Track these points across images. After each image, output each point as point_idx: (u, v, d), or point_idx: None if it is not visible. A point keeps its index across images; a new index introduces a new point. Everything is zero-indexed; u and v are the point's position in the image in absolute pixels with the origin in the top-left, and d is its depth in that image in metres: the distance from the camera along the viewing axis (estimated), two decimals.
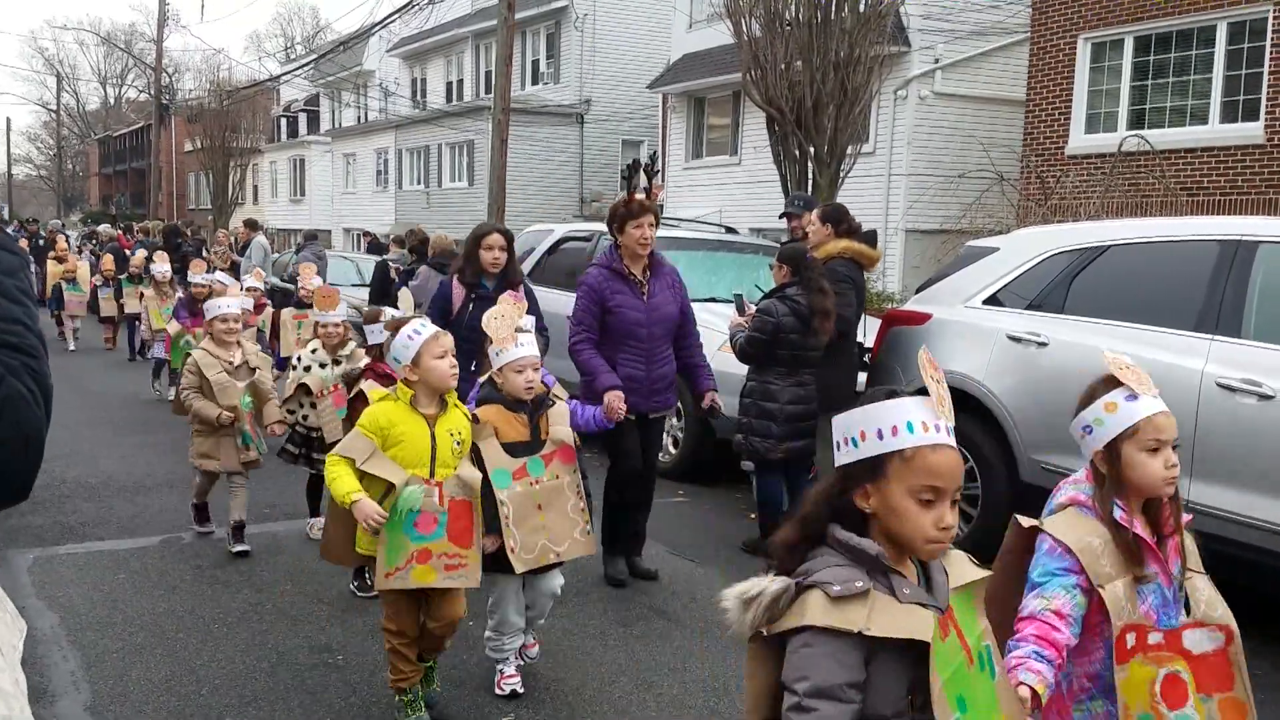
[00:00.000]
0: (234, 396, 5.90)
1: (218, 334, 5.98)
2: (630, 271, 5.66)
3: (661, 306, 5.69)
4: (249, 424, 6.02)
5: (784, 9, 12.31)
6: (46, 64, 73.98)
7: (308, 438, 6.14)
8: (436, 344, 3.78)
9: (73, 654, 4.56)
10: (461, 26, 33.11)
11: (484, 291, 6.16)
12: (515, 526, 4.01)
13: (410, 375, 3.79)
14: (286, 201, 44.46)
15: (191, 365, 5.91)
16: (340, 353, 6.13)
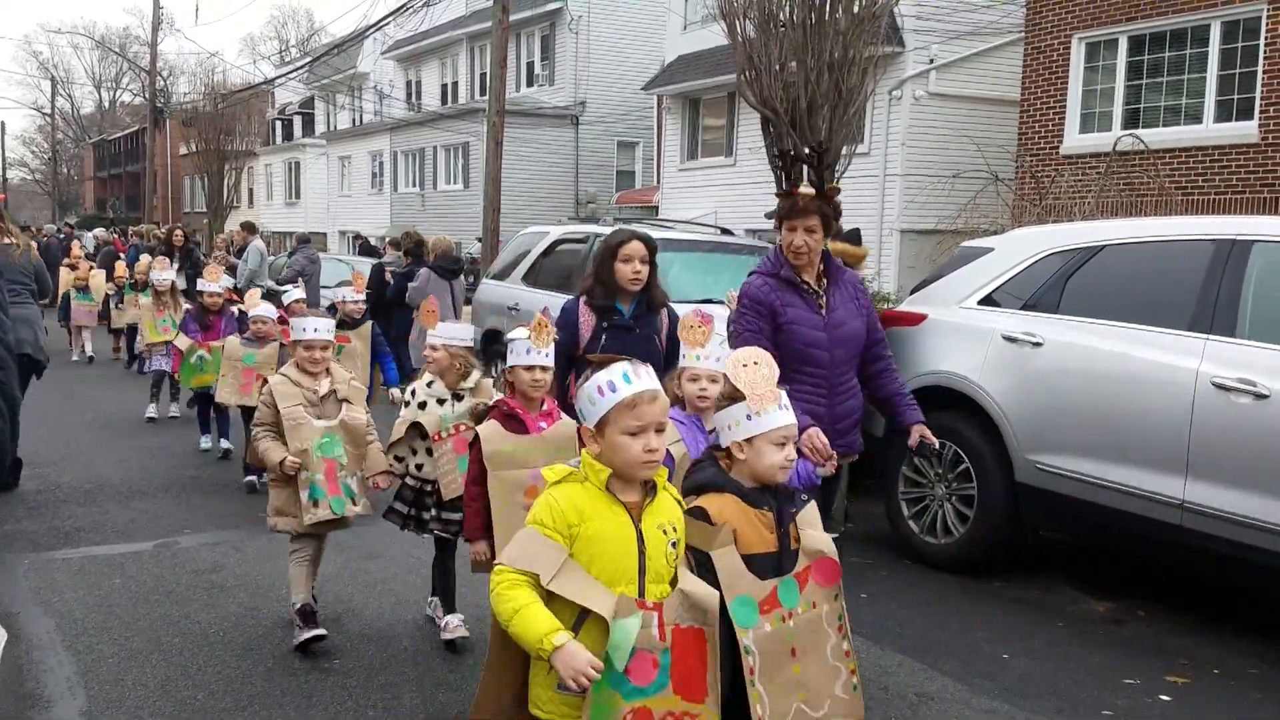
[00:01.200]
0: (308, 437, 4.71)
1: (302, 363, 4.89)
2: (802, 280, 4.57)
3: (845, 322, 4.59)
4: (325, 475, 4.73)
5: (778, 10, 12.28)
6: (41, 68, 73.95)
7: (420, 492, 4.82)
8: (632, 414, 2.55)
9: (68, 659, 4.54)
10: (456, 29, 33.12)
11: (620, 319, 4.95)
12: (763, 683, 2.70)
13: (593, 445, 2.62)
14: (282, 204, 44.44)
15: (266, 397, 4.81)
16: (462, 385, 4.75)
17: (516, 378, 4.03)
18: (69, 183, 78.92)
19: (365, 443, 4.88)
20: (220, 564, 5.94)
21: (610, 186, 30.31)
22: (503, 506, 3.81)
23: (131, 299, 13.17)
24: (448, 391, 4.73)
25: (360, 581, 5.65)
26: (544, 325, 3.97)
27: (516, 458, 3.87)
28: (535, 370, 4.01)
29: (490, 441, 3.89)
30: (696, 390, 3.71)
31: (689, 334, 3.78)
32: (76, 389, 12.49)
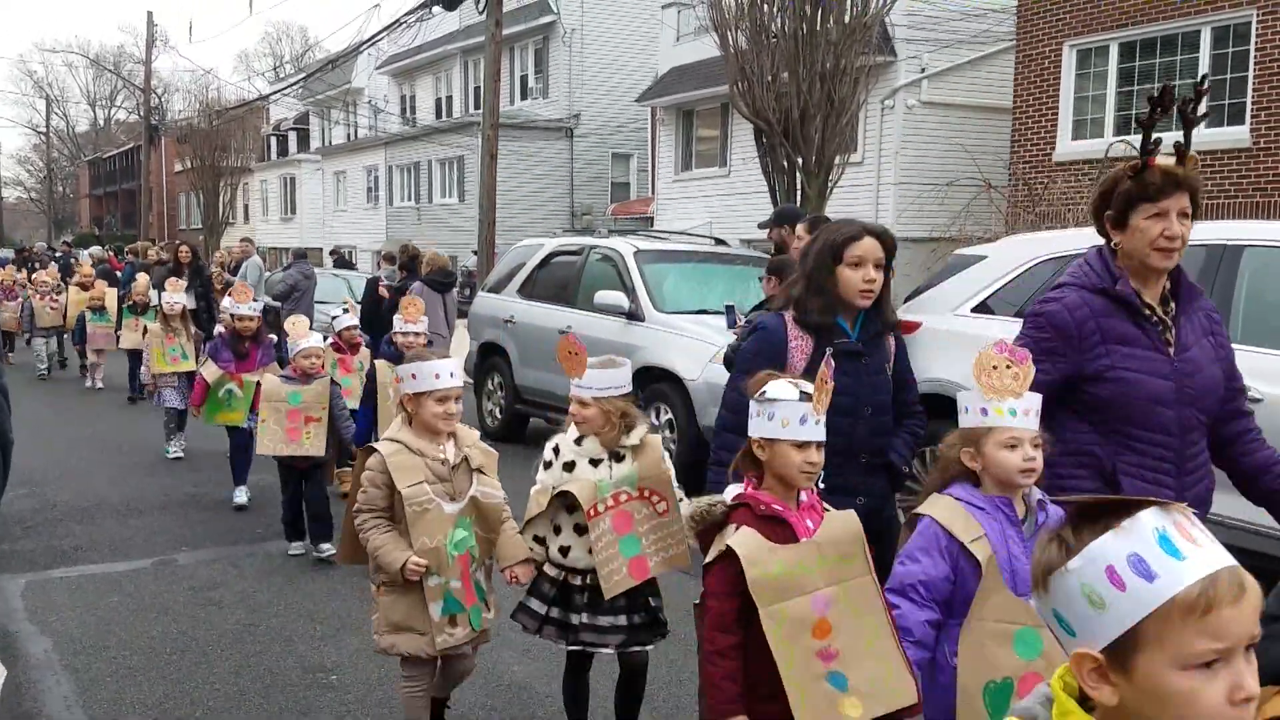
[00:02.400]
0: (440, 528, 3.53)
1: (430, 421, 3.61)
2: (1143, 300, 3.08)
3: (1201, 367, 3.10)
4: (464, 575, 3.60)
5: (769, 21, 12.37)
6: (35, 87, 73.98)
7: (565, 586, 3.65)
8: (1202, 629, 1.19)
9: (66, 678, 4.54)
10: (450, 43, 33.21)
11: (848, 342, 3.55)
12: None
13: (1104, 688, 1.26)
14: (277, 220, 44.48)
15: (377, 467, 3.57)
16: (623, 442, 3.61)
17: (780, 459, 2.66)
18: (64, 201, 78.94)
19: (500, 523, 3.72)
20: (218, 581, 5.93)
21: (605, 198, 30.36)
22: (790, 659, 2.54)
23: (130, 322, 12.35)
24: (604, 450, 3.60)
25: (358, 598, 5.64)
26: (825, 383, 2.64)
27: (791, 581, 2.59)
28: (810, 449, 2.65)
29: (755, 563, 2.57)
30: (1019, 462, 2.65)
31: (993, 377, 2.73)
32: (73, 406, 12.48)
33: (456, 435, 3.71)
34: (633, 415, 3.64)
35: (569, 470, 3.60)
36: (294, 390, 6.35)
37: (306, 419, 6.32)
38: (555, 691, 4.06)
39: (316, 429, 6.33)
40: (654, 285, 8.99)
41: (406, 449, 3.57)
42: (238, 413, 7.47)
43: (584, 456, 3.60)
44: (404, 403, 3.64)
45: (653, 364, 8.51)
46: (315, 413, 6.34)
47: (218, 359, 7.56)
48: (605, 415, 3.57)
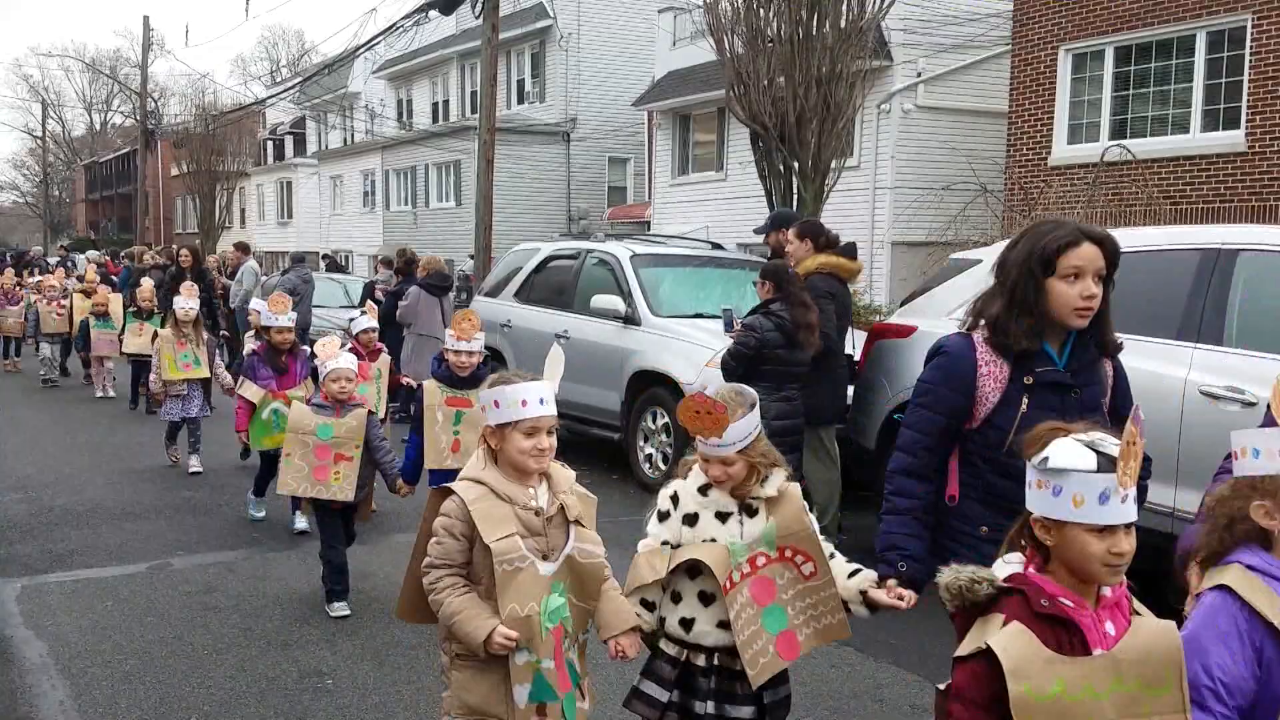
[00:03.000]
0: (533, 593, 2.83)
1: (514, 458, 2.89)
2: None
3: None
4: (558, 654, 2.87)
5: (765, 26, 12.38)
6: (32, 91, 73.91)
7: (688, 669, 3.03)
8: None
9: (61, 683, 4.53)
10: (446, 47, 33.23)
11: (1053, 371, 2.99)
12: None
13: None
14: (274, 224, 44.46)
15: (456, 514, 2.88)
16: (757, 493, 2.99)
17: (1073, 546, 2.03)
18: (60, 205, 78.83)
19: (600, 585, 2.96)
20: (213, 585, 5.93)
21: (602, 202, 30.38)
22: None
23: (135, 327, 11.92)
24: (733, 502, 2.97)
25: (354, 600, 5.64)
26: (1134, 444, 1.96)
27: (1072, 709, 1.94)
28: (1118, 536, 2.01)
29: (1024, 677, 1.94)
30: None
31: None
32: (68, 411, 12.46)
33: (550, 477, 2.97)
34: (772, 457, 3.01)
35: (690, 524, 2.99)
36: (325, 422, 5.46)
37: (337, 456, 5.43)
38: None
39: (347, 469, 5.45)
40: (650, 289, 9.00)
41: (492, 493, 2.85)
42: None
43: (709, 509, 2.98)
44: (485, 437, 2.93)
45: (649, 368, 8.52)
46: (347, 450, 5.47)
47: (256, 377, 7.01)
48: (750, 467, 2.96)
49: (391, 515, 7.29)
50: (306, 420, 5.52)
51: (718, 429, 2.86)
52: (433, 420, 5.38)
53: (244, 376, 7.14)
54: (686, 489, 3.04)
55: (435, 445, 5.34)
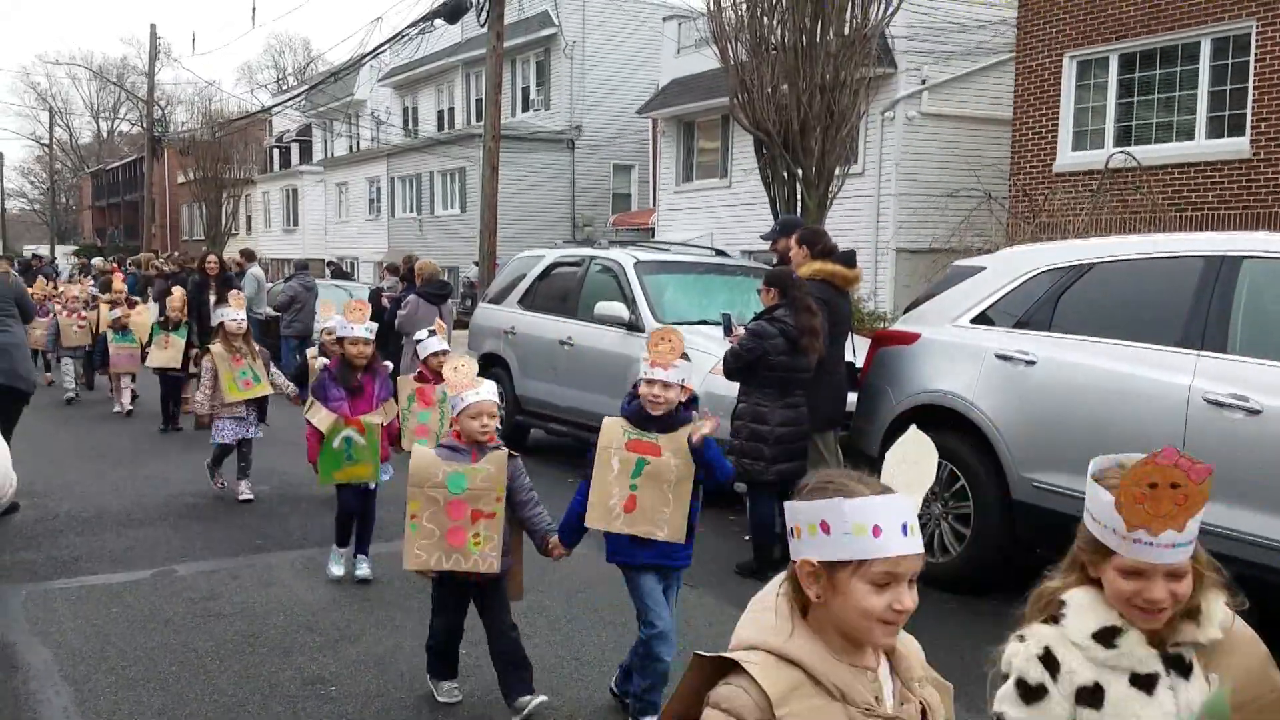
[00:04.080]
0: None
1: (851, 620, 1.74)
2: None
3: None
4: None
5: (769, 33, 12.40)
6: (39, 99, 74.16)
7: None
8: None
9: (65, 689, 4.54)
10: (451, 55, 33.31)
11: None
12: None
13: None
14: (280, 232, 44.55)
15: (746, 711, 1.70)
16: (1188, 635, 2.01)
17: None
18: (67, 212, 79.11)
19: None
20: (217, 592, 5.93)
21: (606, 209, 30.42)
22: None
23: (161, 339, 11.30)
24: (1154, 655, 1.95)
25: (357, 608, 5.64)
26: None
27: None
28: None
29: None
30: None
31: None
32: (73, 418, 12.49)
33: (897, 652, 1.86)
34: (1214, 570, 2.05)
35: (1092, 704, 1.92)
36: (456, 470, 4.18)
37: (474, 514, 4.18)
38: None
39: (488, 529, 4.19)
40: (654, 296, 9.00)
41: (812, 682, 1.73)
42: (363, 466, 6.05)
43: (1119, 669, 1.93)
44: (805, 574, 1.76)
45: None
46: (487, 504, 4.19)
47: (326, 399, 6.04)
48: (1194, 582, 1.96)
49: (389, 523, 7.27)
50: (433, 470, 4.19)
51: (1187, 514, 1.86)
52: (606, 467, 4.14)
53: (313, 398, 6.15)
54: (1071, 639, 1.94)
55: (604, 499, 4.14)
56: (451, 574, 4.19)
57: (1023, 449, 5.75)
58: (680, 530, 4.10)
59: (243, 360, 8.15)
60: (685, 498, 4.12)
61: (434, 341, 6.58)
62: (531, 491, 4.37)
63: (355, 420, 6.00)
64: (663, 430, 4.15)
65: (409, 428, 6.40)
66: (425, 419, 6.42)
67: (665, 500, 4.11)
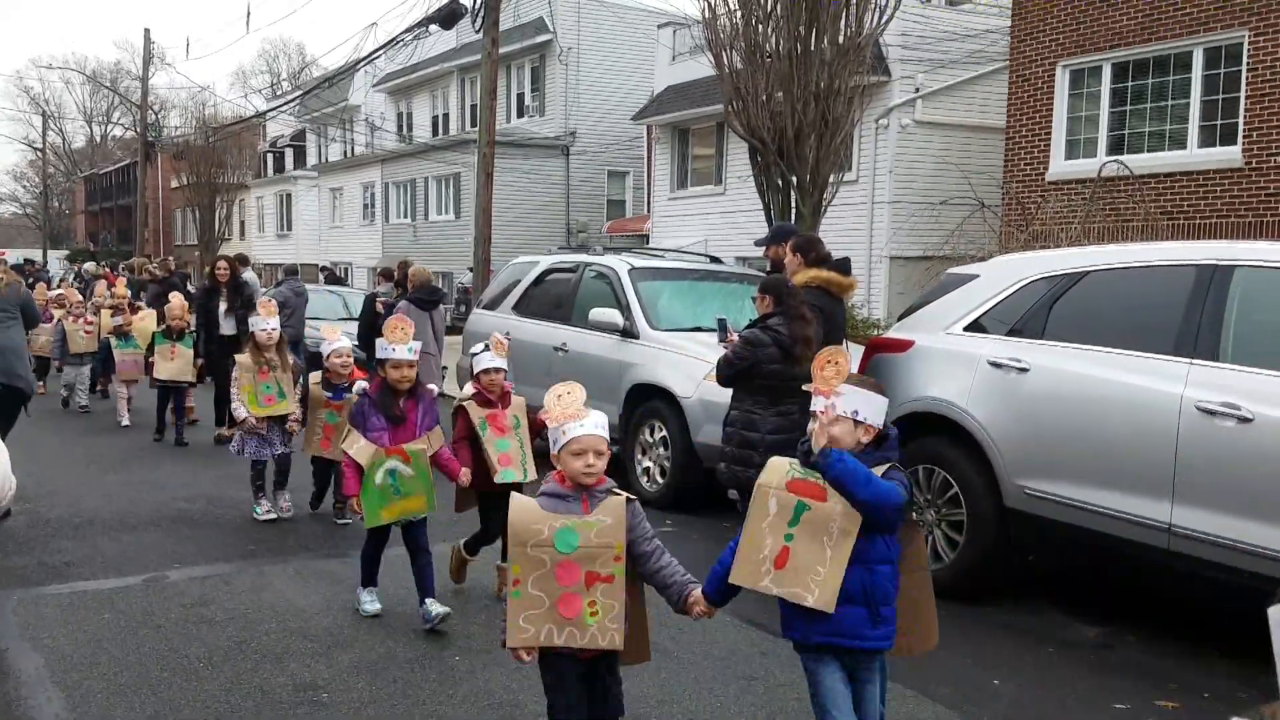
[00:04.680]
0: None
1: None
2: None
3: None
4: None
5: (764, 41, 12.44)
6: (32, 103, 74.13)
7: None
8: None
9: (57, 695, 4.52)
10: (446, 61, 33.35)
11: None
12: None
13: None
14: (273, 237, 44.52)
15: None
16: None
17: None
18: (60, 217, 78.99)
19: None
20: (209, 598, 5.92)
21: (601, 216, 30.45)
22: None
23: (166, 349, 10.87)
24: None
25: (349, 615, 5.63)
26: None
27: None
28: None
29: None
30: None
31: None
32: (65, 424, 12.45)
33: None
34: None
35: None
36: (567, 524, 3.35)
37: (590, 577, 3.35)
38: None
39: (607, 594, 3.36)
40: (649, 303, 9.01)
41: None
42: (415, 499, 5.42)
43: None
44: None
45: (647, 381, 8.53)
46: (604, 564, 3.35)
47: (365, 428, 5.42)
48: None
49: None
50: (536, 525, 3.36)
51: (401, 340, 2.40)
52: (762, 509, 3.36)
53: (351, 426, 5.55)
54: None
55: (754, 550, 3.35)
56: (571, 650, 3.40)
57: (1015, 456, 5.76)
58: (831, 597, 3.21)
59: (269, 374, 7.66)
60: (845, 557, 3.23)
61: (487, 356, 5.85)
62: (654, 539, 3.52)
63: (397, 449, 5.37)
64: None
65: (492, 459, 5.67)
66: (505, 448, 5.74)
67: (822, 556, 3.24)
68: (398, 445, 5.37)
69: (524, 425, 5.90)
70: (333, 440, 7.21)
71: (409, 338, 5.40)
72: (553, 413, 3.43)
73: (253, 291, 12.37)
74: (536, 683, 4.65)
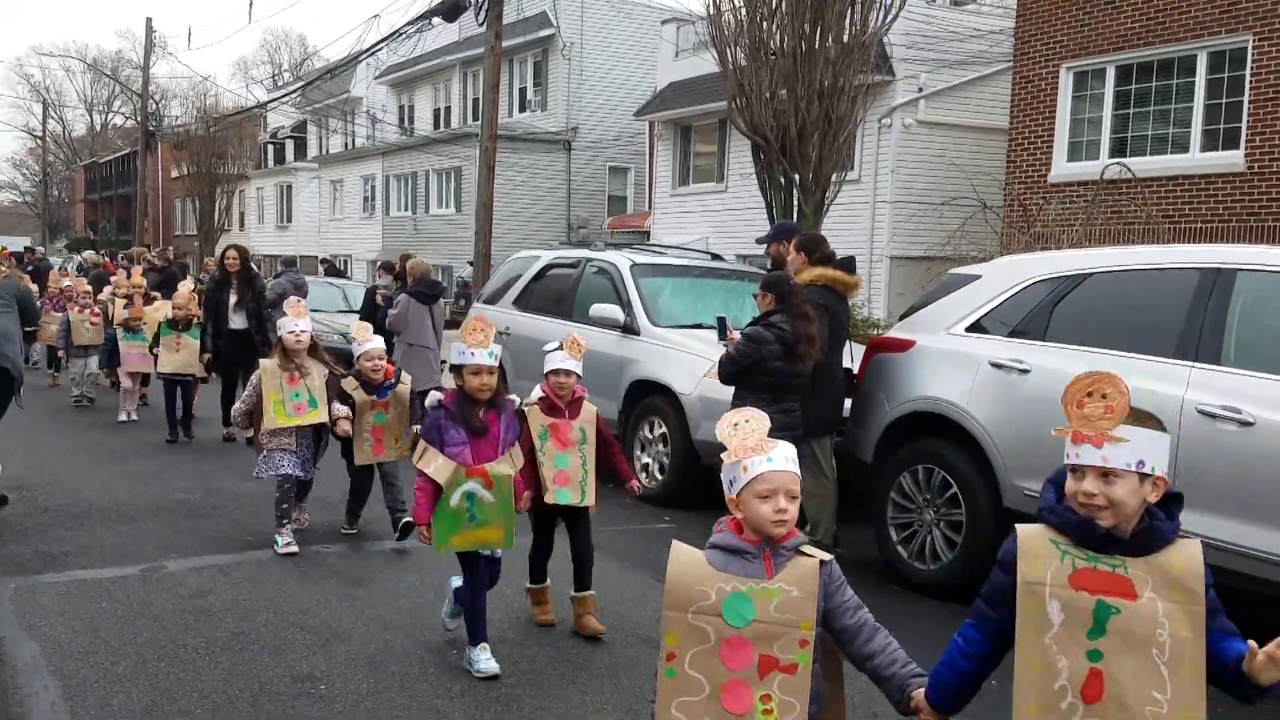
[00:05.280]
0: None
1: None
2: None
3: None
4: None
5: (768, 38, 12.41)
6: (33, 91, 74.05)
7: None
8: None
9: (54, 684, 4.52)
10: (449, 54, 33.31)
11: None
12: None
13: None
14: (273, 228, 44.48)
15: None
16: None
17: None
18: (59, 205, 78.87)
19: None
20: (207, 589, 5.91)
21: (602, 211, 30.44)
22: None
23: (171, 340, 10.38)
24: None
25: (348, 607, 5.63)
26: None
27: None
28: None
29: None
30: None
31: None
32: (63, 414, 12.45)
33: None
34: None
35: None
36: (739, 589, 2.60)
37: (764, 662, 2.58)
38: None
39: (788, 690, 2.57)
40: (650, 299, 9.01)
41: None
42: (492, 529, 4.72)
43: None
44: None
45: (647, 378, 8.53)
46: (788, 649, 2.58)
47: (443, 442, 4.69)
48: None
49: (381, 522, 7.26)
50: (701, 584, 2.63)
51: None
52: (1038, 618, 2.36)
53: (425, 442, 4.76)
54: None
55: (1044, 679, 2.37)
56: None
57: (1015, 457, 5.76)
58: None
59: (299, 380, 6.72)
60: (1196, 681, 2.28)
61: (559, 356, 5.23)
62: (863, 610, 2.73)
63: (480, 470, 4.64)
64: (1132, 551, 2.38)
65: (547, 476, 5.16)
66: (564, 464, 5.18)
67: (1158, 680, 2.26)
68: (480, 465, 4.66)
69: (591, 440, 5.28)
70: (385, 443, 6.82)
71: (489, 340, 4.71)
72: (730, 445, 2.70)
73: (264, 284, 11.57)
74: (535, 677, 4.66)
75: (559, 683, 4.70)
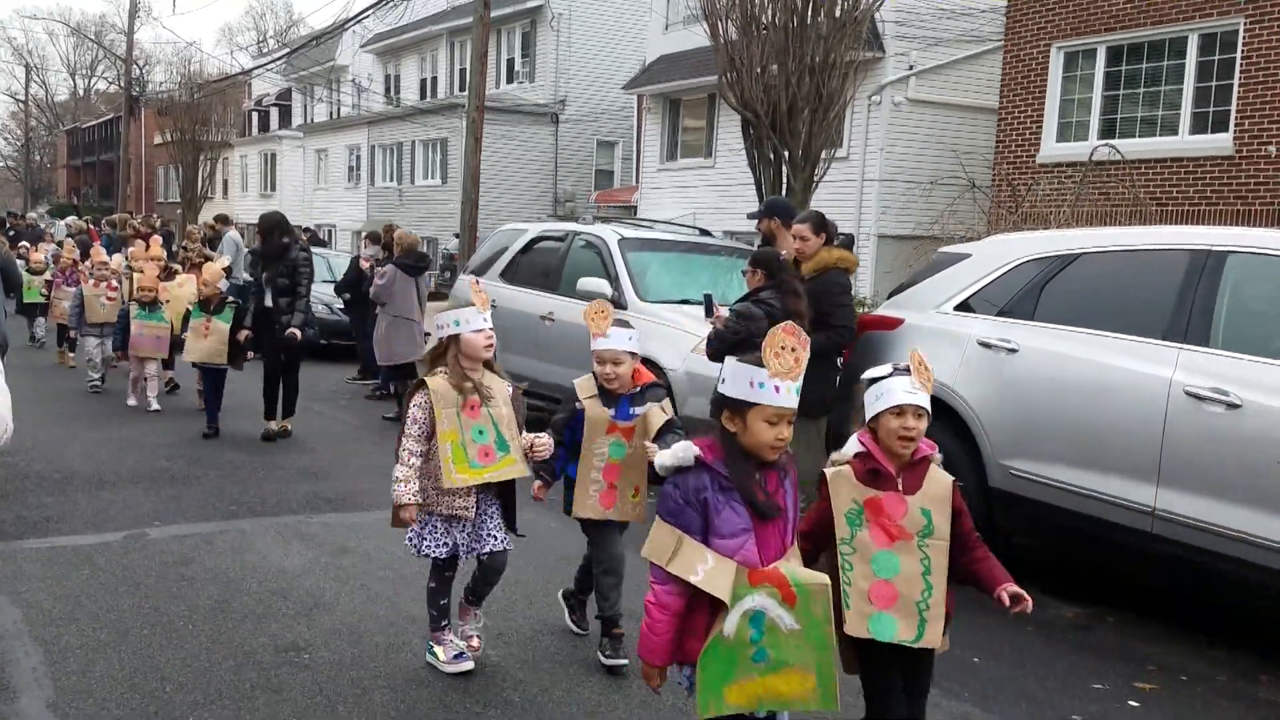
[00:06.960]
0: None
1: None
2: None
3: None
4: None
5: (760, 13, 12.34)
6: (15, 54, 73.23)
7: None
8: None
9: (35, 650, 4.49)
10: (436, 23, 33.03)
11: None
12: None
13: None
14: (257, 196, 44.15)
15: None
16: None
17: None
18: (41, 170, 78.13)
19: None
20: (190, 557, 5.88)
21: (589, 185, 30.31)
22: None
23: (200, 324, 9.38)
24: None
25: (332, 576, 5.61)
26: None
27: None
28: None
29: None
30: None
31: None
32: (47, 379, 12.35)
33: None
34: None
35: None
36: None
37: None
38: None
39: None
40: (637, 274, 8.97)
41: None
42: (796, 678, 2.94)
43: None
44: None
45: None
46: None
47: (711, 529, 2.86)
48: None
49: (366, 492, 7.24)
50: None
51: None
52: None
53: (676, 529, 2.95)
54: None
55: None
56: None
57: (1002, 436, 5.77)
58: None
59: (480, 409, 4.28)
60: None
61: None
62: None
63: (773, 574, 2.86)
64: None
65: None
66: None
67: None
68: (773, 566, 2.88)
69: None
70: (620, 490, 4.54)
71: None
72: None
73: (297, 259, 9.38)
74: (520, 648, 4.65)
75: (543, 654, 4.69)
